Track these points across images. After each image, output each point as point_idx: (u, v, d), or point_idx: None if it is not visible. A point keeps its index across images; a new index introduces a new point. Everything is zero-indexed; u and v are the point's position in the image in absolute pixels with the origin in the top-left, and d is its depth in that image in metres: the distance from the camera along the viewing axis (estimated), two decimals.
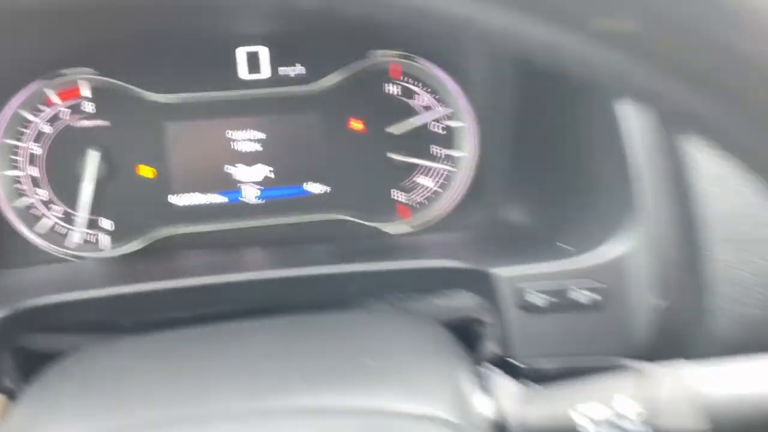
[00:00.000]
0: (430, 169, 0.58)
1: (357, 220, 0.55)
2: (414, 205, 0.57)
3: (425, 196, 0.57)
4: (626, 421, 0.30)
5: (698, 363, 0.31)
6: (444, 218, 0.56)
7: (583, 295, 0.39)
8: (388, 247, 0.50)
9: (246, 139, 0.55)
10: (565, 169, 0.45)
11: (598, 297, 0.38)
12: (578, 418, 0.31)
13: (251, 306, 0.43)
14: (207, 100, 0.54)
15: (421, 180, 0.58)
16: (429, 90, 0.57)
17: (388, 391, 0.31)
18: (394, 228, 0.56)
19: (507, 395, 0.34)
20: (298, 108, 0.55)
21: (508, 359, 0.39)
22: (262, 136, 0.55)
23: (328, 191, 0.55)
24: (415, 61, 0.56)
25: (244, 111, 0.55)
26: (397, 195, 0.57)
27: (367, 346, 0.36)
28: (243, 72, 0.55)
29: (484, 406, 0.33)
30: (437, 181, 0.57)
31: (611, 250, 0.39)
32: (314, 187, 0.56)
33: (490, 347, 0.41)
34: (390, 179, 0.57)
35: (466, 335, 0.43)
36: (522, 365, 0.38)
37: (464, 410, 0.32)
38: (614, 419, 0.30)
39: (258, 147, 0.55)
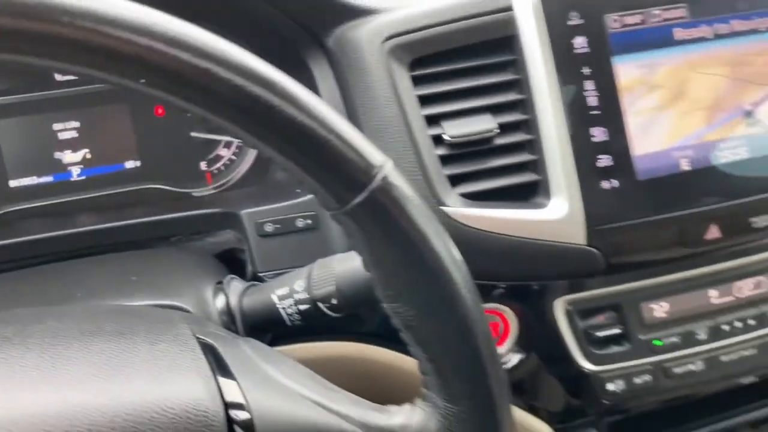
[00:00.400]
0: (230, 142, 0.72)
1: (168, 187, 0.70)
2: (215, 171, 0.72)
3: (224, 164, 0.72)
4: (296, 293, 0.47)
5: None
6: (237, 180, 0.71)
7: (301, 222, 0.55)
8: (188, 204, 0.65)
9: (68, 129, 0.68)
10: None
11: (310, 221, 0.55)
12: (274, 298, 0.48)
13: (76, 254, 0.57)
14: (31, 100, 0.66)
15: (223, 152, 0.72)
16: None
17: (144, 293, 0.47)
18: (199, 191, 0.70)
19: (234, 291, 0.50)
20: (109, 101, 0.68)
21: (258, 273, 0.56)
22: (81, 125, 0.68)
23: (142, 166, 0.69)
24: None
25: (64, 107, 0.67)
26: (204, 165, 0.72)
27: (142, 271, 0.51)
28: (58, 75, 0.67)
29: (217, 301, 0.49)
30: (233, 151, 0.72)
31: None
32: (130, 164, 0.69)
33: (248, 267, 0.57)
34: (197, 153, 0.71)
35: (235, 261, 0.59)
36: (264, 275, 0.55)
37: (201, 303, 0.48)
38: (290, 293, 0.47)
39: (79, 135, 0.68)
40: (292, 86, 0.29)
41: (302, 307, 0.46)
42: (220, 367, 0.35)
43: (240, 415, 0.33)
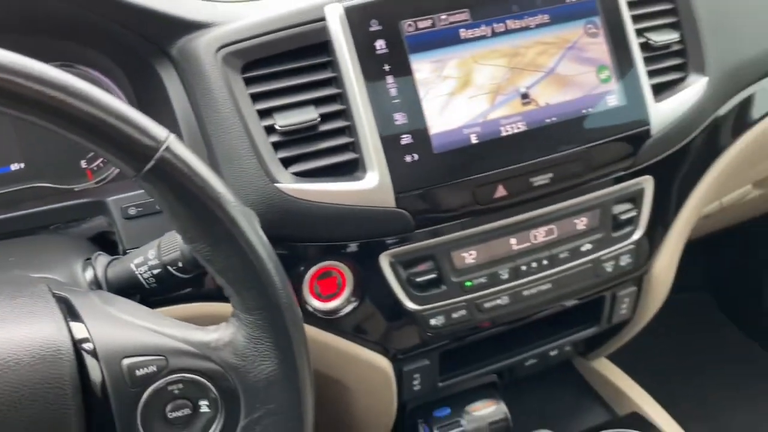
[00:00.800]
0: None
1: (51, 185, 0.78)
2: (95, 168, 0.81)
3: (102, 161, 0.81)
4: (150, 260, 0.58)
5: None
6: (116, 174, 0.80)
7: None
8: (68, 197, 0.74)
9: None
10: None
11: None
12: (132, 266, 0.58)
13: None
14: None
15: None
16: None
17: (20, 270, 0.56)
18: (80, 187, 0.79)
19: (100, 265, 0.60)
20: None
21: (126, 250, 0.66)
22: None
23: (26, 168, 0.77)
24: (75, 68, 0.79)
25: None
26: (84, 163, 0.81)
27: (19, 253, 0.60)
28: None
29: (86, 274, 0.59)
30: None
31: None
32: (15, 166, 0.77)
33: (119, 246, 0.67)
34: (77, 152, 0.80)
35: (109, 242, 0.69)
36: (132, 251, 0.65)
37: (72, 276, 0.58)
38: (145, 261, 0.58)
39: None
40: (83, 87, 0.40)
41: (155, 271, 0.57)
42: (71, 313, 0.45)
43: (87, 346, 0.44)
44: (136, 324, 0.46)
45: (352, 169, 0.68)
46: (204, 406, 0.46)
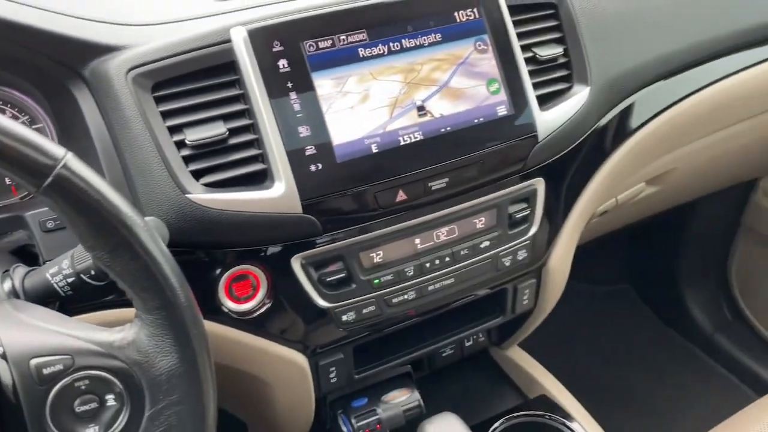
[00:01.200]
0: None
1: None
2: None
3: None
4: (64, 270, 0.62)
5: None
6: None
7: None
8: None
9: None
10: None
11: None
12: (48, 276, 0.62)
13: None
14: None
15: None
16: (17, 110, 0.83)
17: None
18: (4, 202, 0.82)
19: (18, 276, 0.63)
20: None
21: (46, 261, 0.69)
22: None
23: None
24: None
25: None
26: (8, 180, 0.84)
27: None
28: None
29: (4, 285, 0.62)
30: None
31: None
32: None
33: (40, 258, 0.70)
34: None
35: (31, 255, 0.72)
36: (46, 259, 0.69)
37: None
38: (59, 270, 0.62)
39: None
40: None
41: (69, 279, 0.61)
42: None
43: None
44: (44, 328, 0.50)
45: (261, 179, 0.73)
46: (110, 399, 0.50)
